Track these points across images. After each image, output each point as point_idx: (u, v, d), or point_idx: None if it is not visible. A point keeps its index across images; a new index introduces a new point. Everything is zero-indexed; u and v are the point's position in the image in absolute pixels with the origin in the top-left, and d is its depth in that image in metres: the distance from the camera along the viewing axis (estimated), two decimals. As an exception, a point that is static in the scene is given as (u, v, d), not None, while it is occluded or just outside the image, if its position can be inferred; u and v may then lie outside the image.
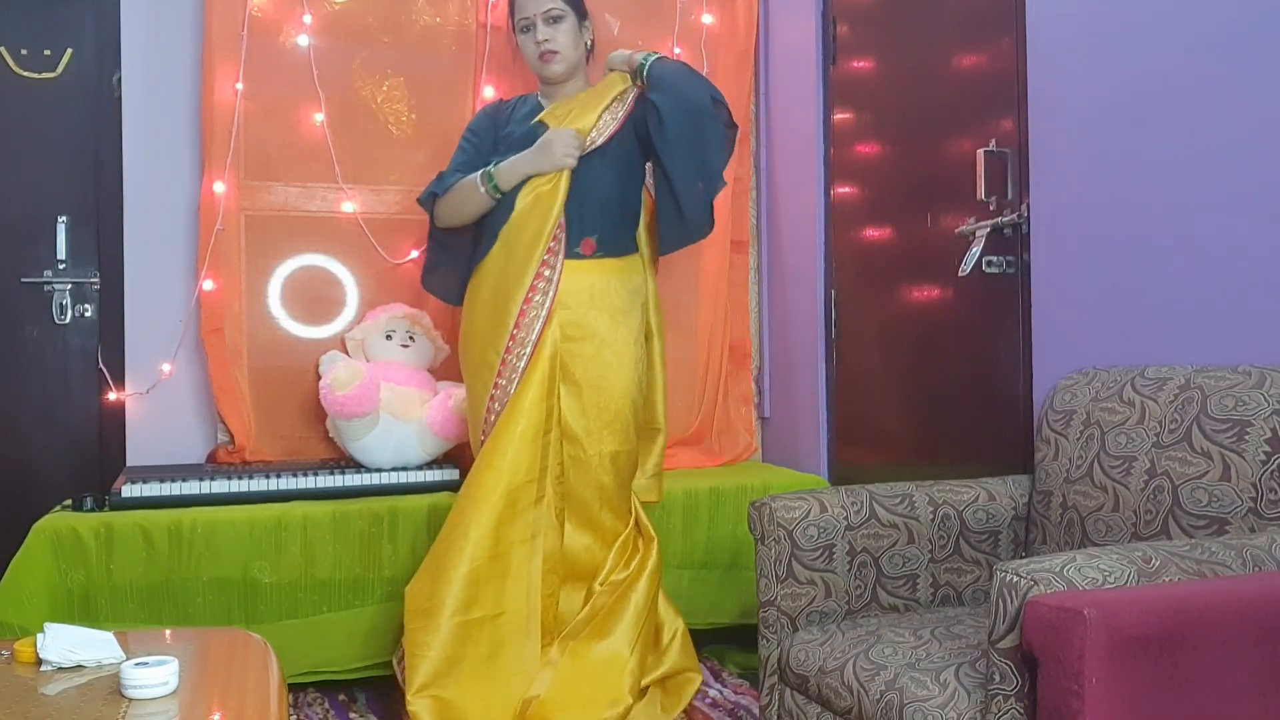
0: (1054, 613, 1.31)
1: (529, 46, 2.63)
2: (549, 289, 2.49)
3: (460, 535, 2.41)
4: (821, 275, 3.26)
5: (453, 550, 2.41)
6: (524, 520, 2.45)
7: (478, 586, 2.40)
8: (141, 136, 3.17)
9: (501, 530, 2.42)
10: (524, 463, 2.44)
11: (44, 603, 2.49)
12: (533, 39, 2.61)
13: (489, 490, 2.42)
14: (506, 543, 2.43)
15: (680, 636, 2.66)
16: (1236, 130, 1.91)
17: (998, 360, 2.53)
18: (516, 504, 2.44)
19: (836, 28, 3.24)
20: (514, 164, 2.53)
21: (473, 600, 2.40)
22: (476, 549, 2.40)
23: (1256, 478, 1.70)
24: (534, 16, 2.59)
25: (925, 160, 2.83)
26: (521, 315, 2.47)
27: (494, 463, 2.44)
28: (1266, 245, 1.86)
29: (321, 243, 3.22)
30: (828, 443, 3.26)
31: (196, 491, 2.70)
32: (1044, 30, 2.35)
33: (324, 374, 2.92)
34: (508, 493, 2.43)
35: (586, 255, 2.55)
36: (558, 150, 2.48)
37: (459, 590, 2.38)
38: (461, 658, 2.39)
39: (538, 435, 2.46)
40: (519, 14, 2.62)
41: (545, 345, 2.49)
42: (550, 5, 2.59)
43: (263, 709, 1.56)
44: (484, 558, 2.41)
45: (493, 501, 2.41)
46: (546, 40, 2.59)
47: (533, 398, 2.46)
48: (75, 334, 3.27)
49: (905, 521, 2.14)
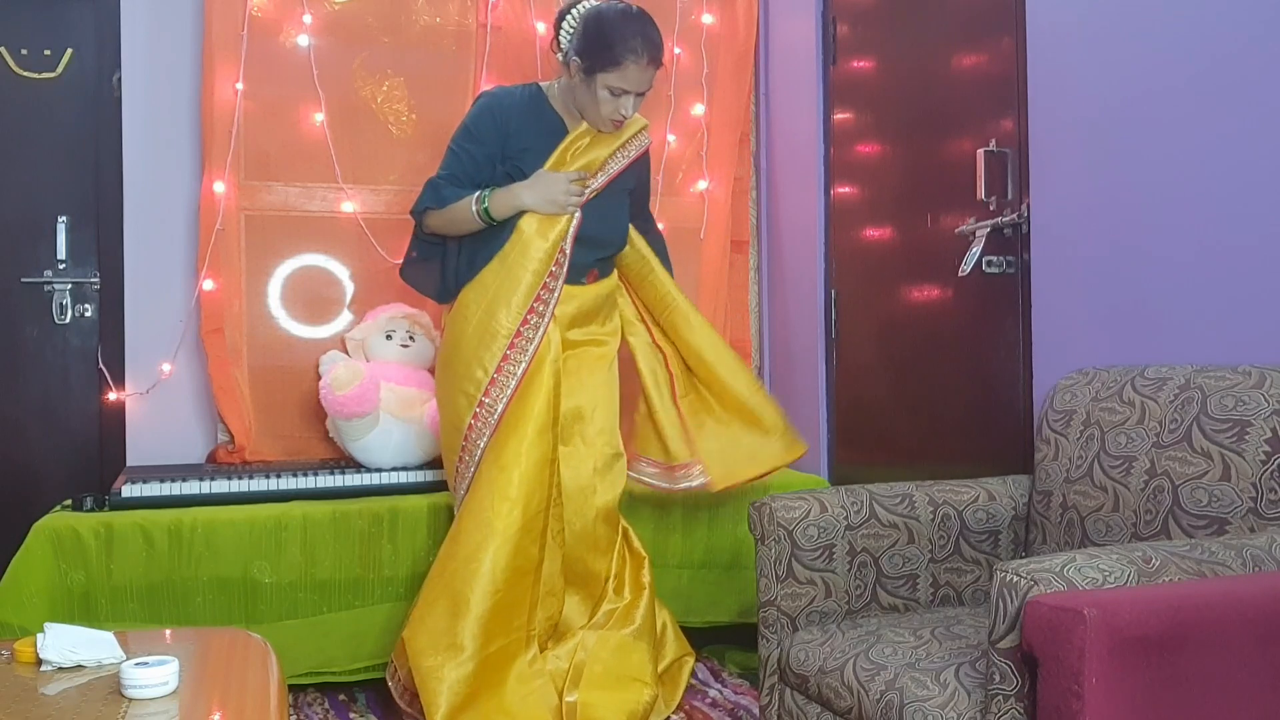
0: (1054, 613, 1.31)
1: (608, 109, 2.49)
2: (545, 311, 2.49)
3: (476, 569, 2.36)
4: (821, 275, 3.26)
5: (470, 584, 2.36)
6: (535, 549, 2.44)
7: (494, 621, 2.38)
8: (141, 136, 3.18)
9: (516, 563, 2.40)
10: (536, 492, 2.43)
11: (44, 603, 2.49)
12: (617, 107, 2.49)
13: (505, 522, 2.38)
14: (519, 575, 2.41)
15: (671, 624, 2.73)
16: (1236, 130, 1.91)
17: (998, 360, 2.53)
18: (529, 534, 2.42)
19: (836, 28, 3.24)
20: (511, 194, 2.51)
21: (491, 634, 2.38)
22: (495, 584, 2.36)
23: (1256, 478, 1.70)
24: (632, 92, 2.49)
25: (925, 160, 2.83)
26: (517, 336, 2.47)
27: (508, 493, 2.39)
28: (1267, 246, 1.86)
29: (321, 243, 3.23)
30: (828, 443, 3.26)
31: (196, 491, 2.70)
32: (1044, 30, 2.35)
33: (324, 374, 2.92)
34: (523, 524, 2.40)
35: (589, 284, 2.62)
36: (558, 199, 2.49)
37: (480, 628, 2.35)
38: (480, 691, 2.37)
39: (544, 464, 2.46)
40: (619, 82, 2.45)
41: (544, 372, 2.48)
42: (650, 87, 2.52)
43: (263, 709, 1.56)
44: (500, 592, 2.38)
45: (510, 535, 2.38)
46: (633, 114, 2.54)
47: (538, 426, 2.45)
48: (75, 334, 3.27)
49: (905, 521, 2.14)
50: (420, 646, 2.36)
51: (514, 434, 2.43)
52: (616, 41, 2.42)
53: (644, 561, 2.64)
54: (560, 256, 2.51)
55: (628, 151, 2.63)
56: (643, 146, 2.69)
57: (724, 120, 3.49)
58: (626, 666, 2.50)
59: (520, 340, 2.47)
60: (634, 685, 2.49)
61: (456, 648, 2.34)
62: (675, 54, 3.47)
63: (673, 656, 2.71)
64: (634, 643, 2.53)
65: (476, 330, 2.49)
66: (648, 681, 2.51)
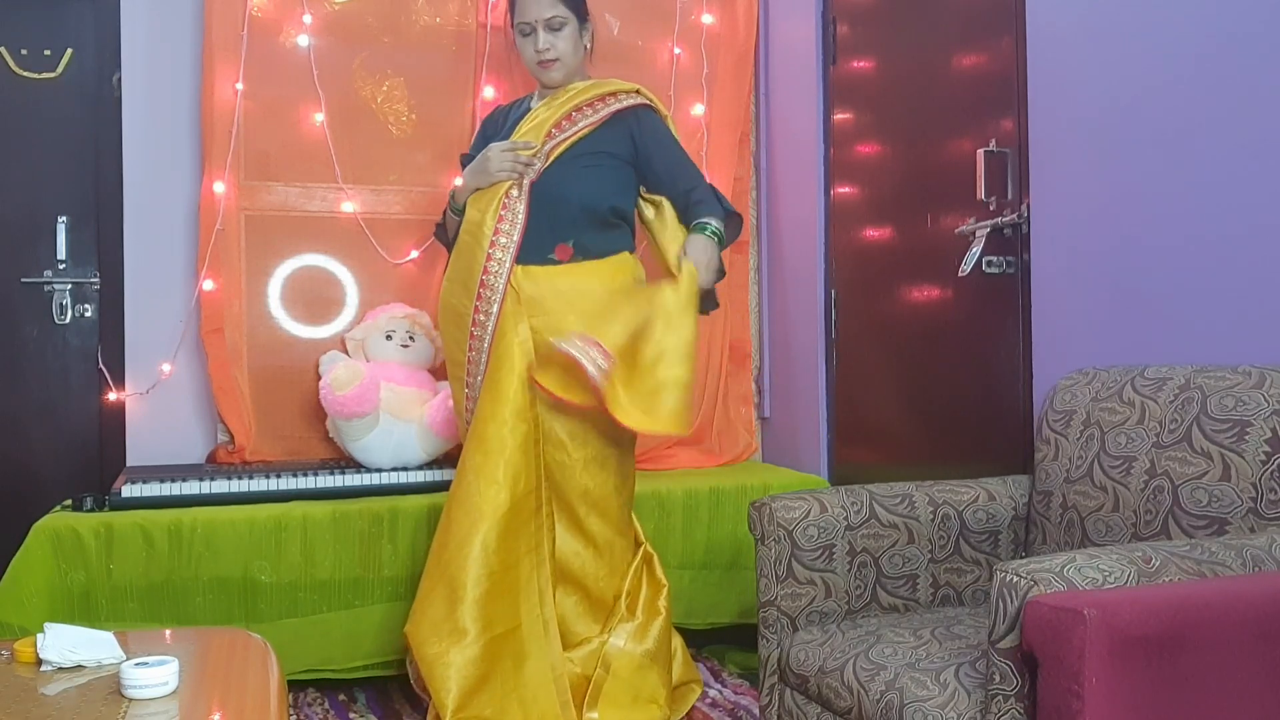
0: (1054, 613, 1.31)
1: (528, 51, 2.56)
2: (494, 298, 2.45)
3: (468, 553, 2.35)
4: (821, 275, 3.26)
5: (464, 569, 2.35)
6: (527, 531, 2.43)
7: (495, 604, 2.37)
8: (141, 136, 3.18)
9: (508, 544, 2.39)
10: (522, 473, 2.41)
11: (44, 603, 2.49)
12: (533, 45, 2.54)
13: (493, 505, 2.37)
14: (514, 556, 2.40)
15: (681, 649, 2.71)
16: (1236, 130, 1.91)
17: (998, 360, 2.53)
18: (519, 515, 2.41)
19: (836, 28, 3.24)
20: (464, 179, 2.54)
21: (493, 617, 2.37)
22: (489, 566, 2.36)
23: (1256, 478, 1.70)
24: (535, 23, 2.52)
25: (925, 160, 2.83)
26: (474, 324, 2.48)
27: (494, 476, 2.38)
28: (1266, 245, 1.86)
29: (321, 243, 3.23)
30: (828, 443, 3.26)
31: (196, 491, 2.70)
32: (1044, 30, 2.35)
33: (324, 374, 2.93)
34: (511, 505, 2.39)
35: (562, 261, 2.50)
36: (492, 165, 2.47)
37: (479, 611, 2.35)
38: (491, 674, 2.36)
39: (529, 445, 2.43)
40: (519, 18, 2.55)
41: (513, 354, 2.44)
42: (553, 13, 2.52)
43: (263, 709, 1.56)
44: (496, 574, 2.37)
45: (497, 517, 2.37)
46: (548, 49, 2.53)
47: (514, 408, 2.42)
48: (75, 334, 3.27)
49: (905, 521, 2.14)
50: (423, 636, 2.36)
51: (492, 418, 2.42)
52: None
53: (663, 589, 2.60)
54: (500, 240, 2.45)
55: (596, 110, 2.53)
56: (619, 106, 2.55)
57: (724, 120, 3.48)
58: (644, 687, 2.50)
59: (480, 318, 2.47)
60: (650, 707, 2.49)
61: (459, 632, 2.34)
62: (675, 54, 3.47)
63: (682, 679, 2.68)
64: (650, 664, 2.52)
65: (448, 315, 2.56)
66: (662, 704, 2.51)
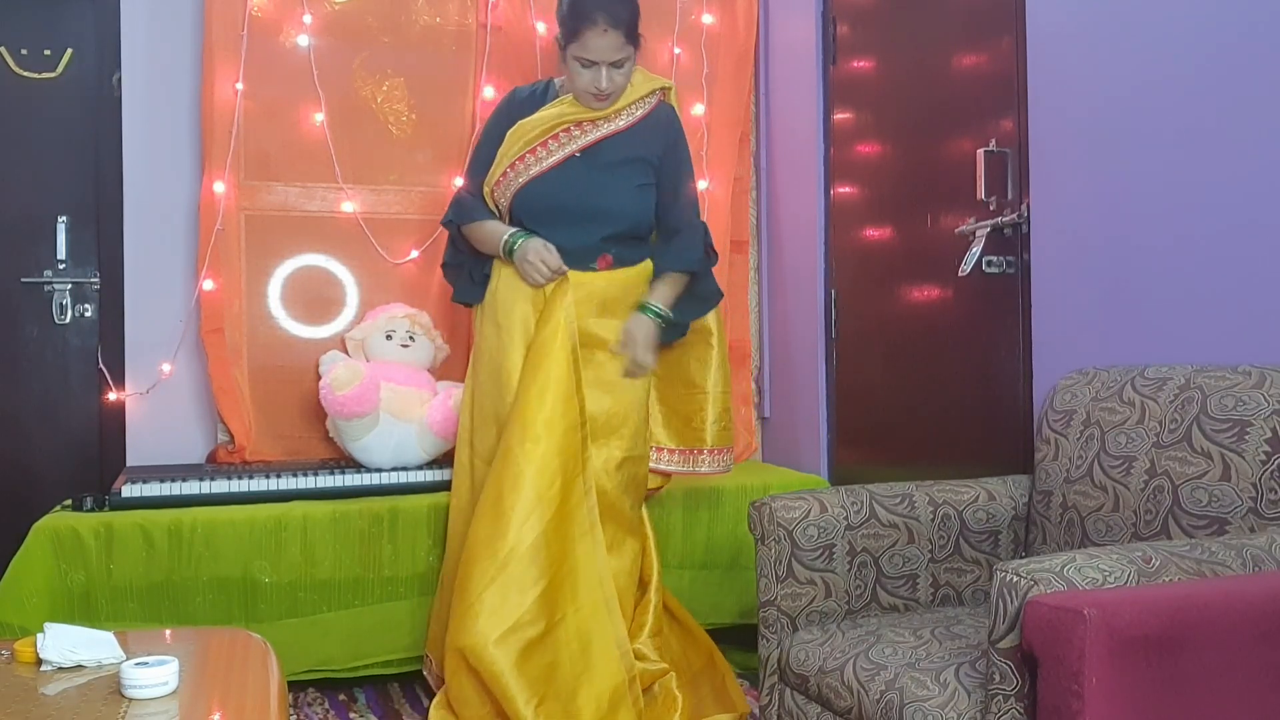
0: (1054, 613, 1.31)
1: (584, 81, 2.48)
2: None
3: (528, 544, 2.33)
4: (821, 275, 3.26)
5: (527, 561, 2.32)
6: (579, 514, 2.40)
7: (557, 592, 2.35)
8: (141, 136, 3.18)
9: (564, 529, 2.37)
10: (570, 457, 2.40)
11: (44, 603, 2.49)
12: (592, 79, 2.47)
13: (547, 485, 2.36)
14: (570, 541, 2.38)
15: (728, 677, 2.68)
16: (1236, 130, 1.91)
17: (998, 360, 2.53)
18: (570, 499, 2.39)
19: (836, 28, 3.24)
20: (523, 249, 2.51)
21: (554, 605, 2.35)
22: (548, 555, 2.34)
23: (1256, 478, 1.70)
24: (601, 63, 2.46)
25: (925, 160, 2.83)
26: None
27: (547, 464, 2.37)
28: (1266, 245, 1.86)
29: (321, 243, 3.23)
30: (828, 443, 3.25)
31: (196, 491, 2.70)
32: (1044, 30, 2.35)
33: (324, 374, 2.92)
34: (563, 490, 2.38)
35: (601, 270, 2.55)
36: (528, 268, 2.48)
37: (542, 604, 2.32)
38: (559, 661, 2.33)
39: (574, 429, 2.42)
40: (582, 53, 2.45)
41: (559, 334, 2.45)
42: (621, 55, 2.47)
43: (263, 709, 1.56)
44: (555, 564, 2.35)
45: (555, 504, 2.36)
46: (608, 86, 2.49)
47: (561, 394, 2.41)
48: (75, 334, 3.27)
49: (905, 521, 2.14)
50: (481, 643, 2.27)
51: (540, 403, 2.40)
52: (576, 13, 2.44)
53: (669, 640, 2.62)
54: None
55: (633, 111, 2.56)
56: (650, 105, 2.58)
57: (724, 120, 3.48)
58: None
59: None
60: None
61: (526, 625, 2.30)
62: (675, 54, 3.47)
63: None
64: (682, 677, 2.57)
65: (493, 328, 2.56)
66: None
